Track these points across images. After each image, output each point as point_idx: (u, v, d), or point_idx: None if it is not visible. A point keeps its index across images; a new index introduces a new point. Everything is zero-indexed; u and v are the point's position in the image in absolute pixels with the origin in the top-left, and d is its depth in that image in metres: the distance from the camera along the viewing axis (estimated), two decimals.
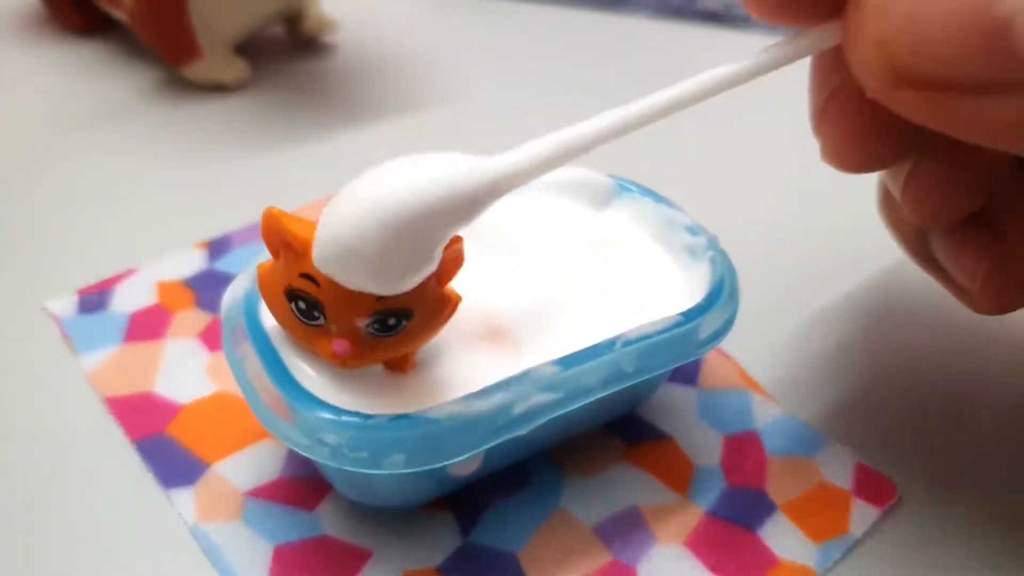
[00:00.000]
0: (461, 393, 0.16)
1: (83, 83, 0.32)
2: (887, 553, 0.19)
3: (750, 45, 0.17)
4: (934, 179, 0.19)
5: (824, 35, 0.15)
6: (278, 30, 0.36)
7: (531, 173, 0.14)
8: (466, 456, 0.15)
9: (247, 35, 0.33)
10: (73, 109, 0.31)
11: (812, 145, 0.20)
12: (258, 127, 0.31)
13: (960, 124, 0.13)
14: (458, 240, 0.15)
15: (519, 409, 0.16)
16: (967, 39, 0.12)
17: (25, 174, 0.28)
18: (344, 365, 0.16)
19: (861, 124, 0.16)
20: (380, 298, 0.15)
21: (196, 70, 0.32)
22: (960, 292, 0.19)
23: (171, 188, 0.28)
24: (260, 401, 0.16)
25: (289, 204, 0.23)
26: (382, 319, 0.15)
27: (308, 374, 0.16)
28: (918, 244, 0.20)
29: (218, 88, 0.33)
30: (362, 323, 0.15)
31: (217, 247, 0.25)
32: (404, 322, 0.15)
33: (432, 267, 0.15)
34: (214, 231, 0.26)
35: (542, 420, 0.16)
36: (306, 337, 0.16)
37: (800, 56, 0.15)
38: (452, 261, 0.16)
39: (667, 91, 0.15)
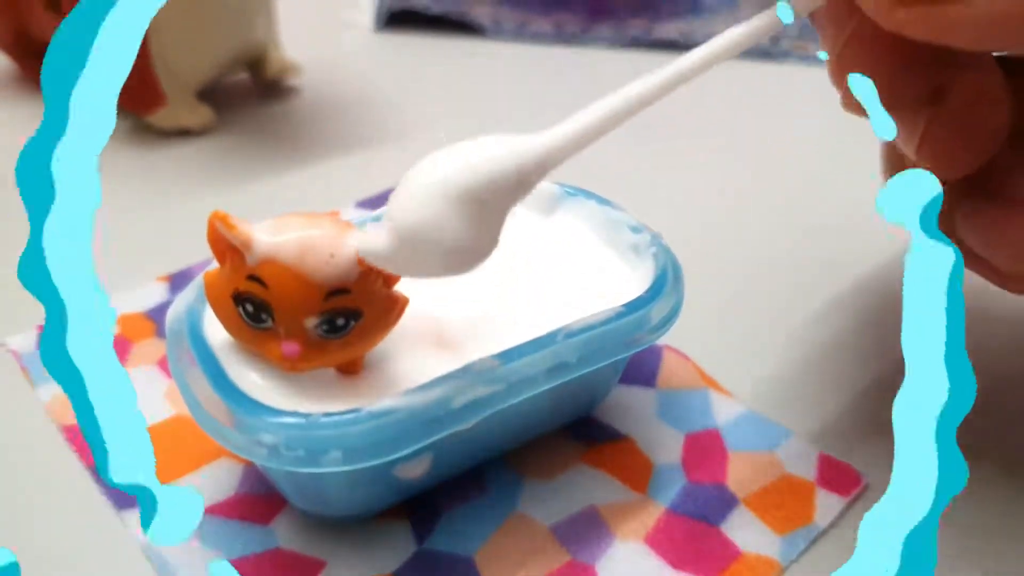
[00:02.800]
0: None
1: None
2: (852, 543, 0.19)
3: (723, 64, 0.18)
4: (946, 132, 0.19)
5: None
6: (242, 75, 0.37)
7: (571, 148, 0.15)
8: (407, 451, 0.15)
9: (211, 81, 0.34)
10: None
11: (759, 145, 0.20)
12: (222, 168, 0.32)
13: (946, 30, 0.15)
14: None
15: (459, 401, 0.16)
16: None
17: None
18: (294, 368, 0.16)
19: (876, 63, 0.17)
20: (327, 296, 0.15)
21: (161, 117, 0.33)
22: (994, 273, 0.19)
23: (135, 226, 0.28)
24: (202, 408, 0.16)
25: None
26: (331, 319, 0.15)
27: (254, 381, 0.16)
28: (944, 229, 0.20)
29: (183, 133, 0.33)
30: (311, 323, 0.15)
31: (178, 280, 0.25)
32: (353, 323, 0.15)
33: (495, 244, 0.15)
34: (176, 266, 0.26)
35: (485, 413, 0.16)
36: (255, 341, 0.16)
37: (772, 29, 0.16)
38: None
39: (679, 62, 0.16)
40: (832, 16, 0.19)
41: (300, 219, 0.15)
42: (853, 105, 0.19)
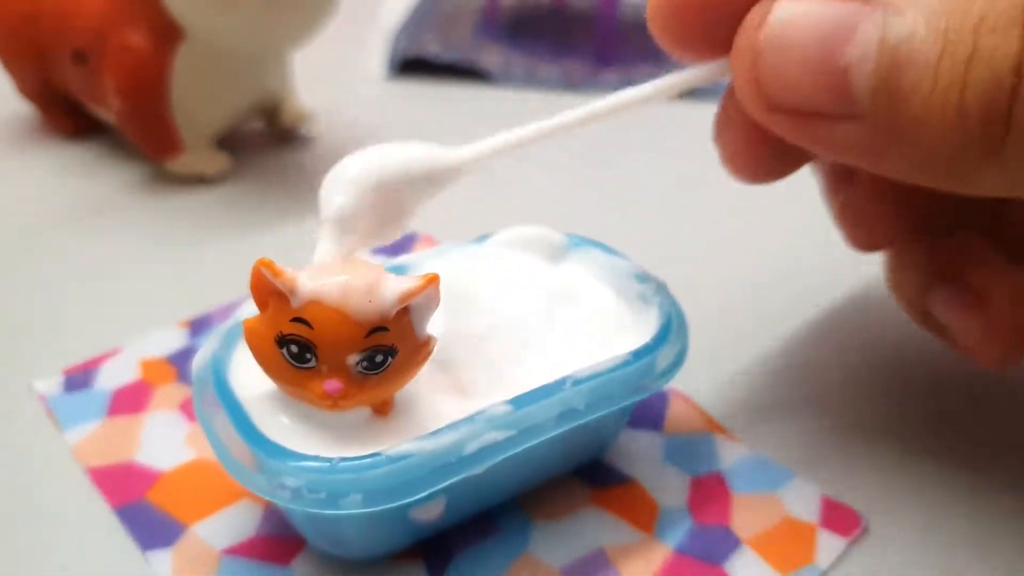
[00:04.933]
0: None
1: (73, 182, 0.34)
2: None
3: (708, 114, 0.20)
4: (863, 210, 0.23)
5: (717, 68, 0.18)
6: (258, 124, 0.38)
7: (477, 161, 0.19)
8: (423, 495, 0.16)
9: (228, 130, 0.35)
10: (63, 206, 0.33)
11: (754, 194, 0.21)
12: (238, 215, 0.33)
13: (816, 142, 0.17)
14: (435, 280, 0.16)
15: (472, 447, 0.17)
16: (818, 81, 0.16)
17: (16, 264, 0.29)
18: (335, 406, 0.16)
19: (750, 137, 0.19)
20: (369, 334, 0.16)
21: (179, 164, 0.34)
22: (965, 350, 0.22)
23: (155, 272, 0.29)
24: (228, 453, 0.17)
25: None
26: (371, 356, 0.16)
27: (282, 424, 0.17)
28: (922, 312, 0.23)
29: (200, 180, 0.34)
30: (352, 360, 0.16)
31: (198, 325, 0.26)
32: (390, 359, 0.16)
33: (408, 222, 0.18)
34: (195, 311, 0.27)
35: (497, 458, 0.17)
36: (297, 382, 0.16)
37: (699, 83, 0.18)
38: (428, 302, 0.17)
39: (580, 109, 0.19)
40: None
41: (336, 264, 0.17)
42: (729, 163, 0.22)
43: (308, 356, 0.16)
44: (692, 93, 0.20)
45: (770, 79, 0.16)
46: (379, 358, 0.16)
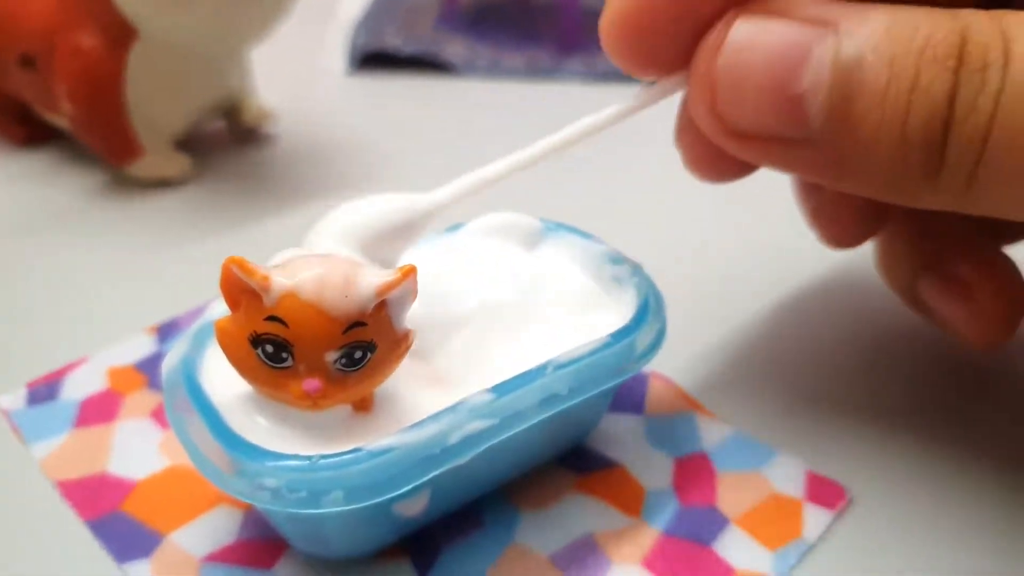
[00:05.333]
0: None
1: (29, 191, 0.33)
2: (842, 555, 0.20)
3: (679, 102, 0.20)
4: (835, 212, 0.24)
5: (675, 83, 0.18)
6: (219, 124, 0.37)
7: (452, 202, 0.19)
8: (406, 489, 0.16)
9: (187, 130, 0.34)
10: (19, 216, 0.32)
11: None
12: (202, 217, 0.32)
13: (775, 164, 0.17)
14: (412, 272, 0.16)
15: (455, 437, 0.16)
16: (773, 107, 0.16)
17: None
18: (315, 406, 0.16)
19: (709, 142, 0.18)
20: (346, 330, 0.15)
21: (139, 168, 0.33)
22: (953, 333, 0.23)
23: (119, 280, 0.28)
24: (203, 457, 0.16)
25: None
26: (350, 352, 0.16)
27: (258, 425, 0.16)
28: (911, 296, 0.23)
29: (162, 184, 0.34)
30: (331, 357, 0.15)
31: (166, 330, 0.25)
32: (369, 355, 0.16)
33: (388, 268, 0.17)
34: (163, 316, 0.26)
35: (480, 448, 0.17)
36: (273, 383, 0.16)
37: (657, 101, 0.19)
38: (406, 295, 0.16)
39: (547, 139, 0.19)
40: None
41: (310, 258, 0.16)
42: (691, 166, 0.22)
43: (284, 355, 0.15)
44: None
45: (727, 106, 0.17)
46: (358, 354, 0.16)
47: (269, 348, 0.15)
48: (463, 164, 0.20)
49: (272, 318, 0.15)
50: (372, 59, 0.46)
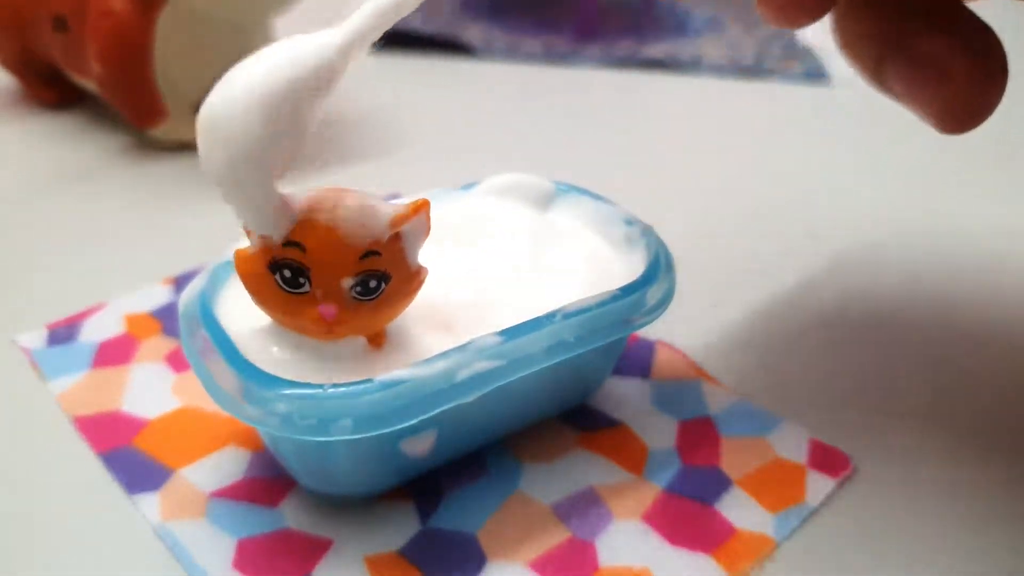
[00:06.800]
0: None
1: (56, 151, 0.34)
2: (843, 521, 0.20)
3: (693, 87, 0.19)
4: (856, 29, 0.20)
5: None
6: None
7: (367, 35, 0.16)
8: (413, 421, 0.16)
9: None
10: (47, 173, 0.32)
11: (742, 151, 0.21)
12: None
13: None
14: (425, 206, 0.16)
15: (463, 375, 0.17)
16: None
17: (1, 226, 0.29)
18: (330, 332, 0.16)
19: None
20: (362, 257, 0.16)
21: (163, 131, 0.33)
22: (924, 117, 0.20)
23: (139, 235, 0.29)
24: (216, 384, 0.16)
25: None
26: (365, 280, 0.16)
27: (273, 355, 0.17)
28: (879, 78, 0.21)
29: (182, 147, 0.34)
30: (347, 284, 0.16)
31: (183, 282, 0.26)
32: (384, 285, 0.16)
33: (306, 139, 0.16)
34: (180, 268, 0.27)
35: (487, 388, 0.17)
36: (290, 309, 0.16)
37: None
38: (419, 230, 0.17)
39: None
40: None
41: (330, 190, 0.16)
42: (768, 7, 0.19)
43: (302, 280, 0.16)
44: (675, 67, 0.18)
45: None
46: (373, 283, 0.16)
47: (287, 273, 0.16)
48: (479, 144, 0.20)
49: (290, 243, 0.15)
50: (392, 38, 0.46)
